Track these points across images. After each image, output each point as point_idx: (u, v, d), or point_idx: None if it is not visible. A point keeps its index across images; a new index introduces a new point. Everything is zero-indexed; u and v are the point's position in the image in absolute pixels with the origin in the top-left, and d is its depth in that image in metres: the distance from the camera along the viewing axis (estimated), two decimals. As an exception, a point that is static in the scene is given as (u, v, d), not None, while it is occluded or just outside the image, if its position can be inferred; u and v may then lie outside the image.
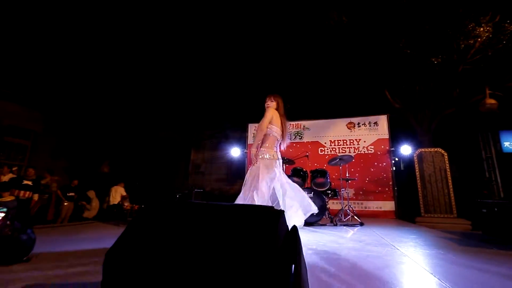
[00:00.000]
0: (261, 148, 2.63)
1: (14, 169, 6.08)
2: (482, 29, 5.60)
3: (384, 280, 1.33)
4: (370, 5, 5.76)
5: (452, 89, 7.85)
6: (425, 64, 6.84)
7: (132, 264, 0.74)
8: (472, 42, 5.91)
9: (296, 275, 0.71)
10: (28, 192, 5.20)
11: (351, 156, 4.76)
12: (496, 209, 3.21)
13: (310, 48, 7.05)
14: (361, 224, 4.18)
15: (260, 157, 2.56)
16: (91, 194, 7.81)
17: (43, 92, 9.57)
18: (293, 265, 0.72)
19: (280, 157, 2.71)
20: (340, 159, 4.56)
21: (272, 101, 2.74)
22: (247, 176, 2.57)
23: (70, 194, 6.61)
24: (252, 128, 7.23)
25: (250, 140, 7.23)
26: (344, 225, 4.10)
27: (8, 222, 1.34)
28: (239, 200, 2.48)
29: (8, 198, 4.45)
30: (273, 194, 2.52)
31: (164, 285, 0.69)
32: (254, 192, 2.38)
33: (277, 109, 2.72)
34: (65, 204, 6.46)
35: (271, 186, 2.48)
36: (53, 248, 1.98)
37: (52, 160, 9.80)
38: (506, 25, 5.86)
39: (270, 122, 2.65)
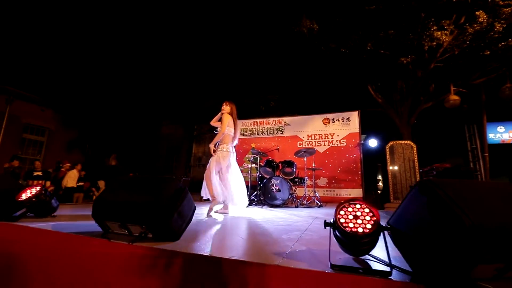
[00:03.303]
0: (222, 144, 3.47)
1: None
2: (440, 33, 6.15)
3: (274, 232, 2.16)
4: (337, 12, 6.38)
5: (428, 85, 8.42)
6: (398, 64, 7.42)
7: (104, 202, 1.61)
8: (434, 44, 6.48)
9: (178, 204, 1.56)
10: (40, 181, 6.28)
11: (314, 149, 5.53)
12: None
13: (291, 53, 7.73)
14: (320, 206, 4.99)
15: (219, 150, 3.41)
16: (101, 183, 8.87)
17: (56, 93, 10.60)
18: (177, 201, 1.57)
19: (234, 151, 3.56)
20: (304, 151, 5.35)
21: (227, 105, 3.55)
22: (209, 162, 3.42)
23: (79, 184, 7.65)
24: (239, 124, 8.03)
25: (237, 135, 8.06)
26: (304, 207, 4.93)
27: (43, 191, 2.24)
28: (208, 177, 3.34)
29: None
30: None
31: (117, 210, 1.56)
32: (216, 173, 3.31)
33: (230, 113, 3.54)
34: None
35: (224, 170, 3.35)
36: (70, 213, 2.90)
37: (66, 154, 10.92)
38: (467, 27, 6.39)
39: (227, 125, 3.49)
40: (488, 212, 1.00)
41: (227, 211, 3.32)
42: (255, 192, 5.26)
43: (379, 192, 12.08)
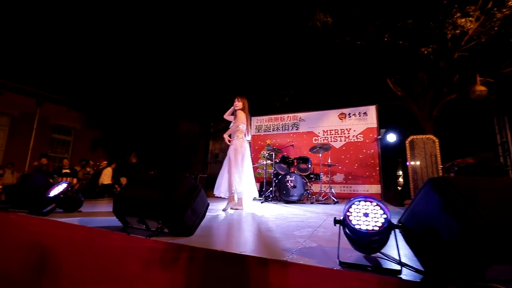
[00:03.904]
0: (235, 134, 3.54)
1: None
2: (464, 20, 5.79)
3: (284, 230, 2.18)
4: (352, 4, 6.17)
5: (451, 76, 7.99)
6: (418, 54, 7.10)
7: (124, 198, 1.70)
8: (458, 32, 6.11)
9: (192, 201, 1.62)
10: (68, 178, 6.72)
11: (329, 145, 5.44)
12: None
13: (305, 47, 7.61)
14: (336, 202, 4.93)
15: (235, 138, 3.50)
16: (123, 180, 9.27)
17: (81, 95, 11.18)
18: (191, 198, 1.63)
19: (247, 142, 3.63)
20: (319, 147, 5.29)
21: (239, 101, 3.61)
22: (228, 155, 3.50)
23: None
24: (254, 120, 8.07)
25: (253, 131, 8.07)
26: (319, 204, 4.89)
27: (69, 188, 2.40)
28: (227, 170, 3.42)
29: None
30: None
31: (135, 206, 1.65)
32: (236, 165, 3.36)
33: (243, 108, 3.59)
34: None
35: (241, 159, 3.40)
36: (94, 209, 3.09)
37: (91, 153, 11.52)
38: (495, 11, 5.97)
39: (241, 122, 3.56)
40: (506, 211, 0.96)
41: (241, 207, 3.38)
42: (270, 189, 5.28)
43: (399, 188, 11.69)
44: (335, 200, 5.01)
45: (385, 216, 1.20)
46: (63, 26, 10.81)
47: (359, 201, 1.32)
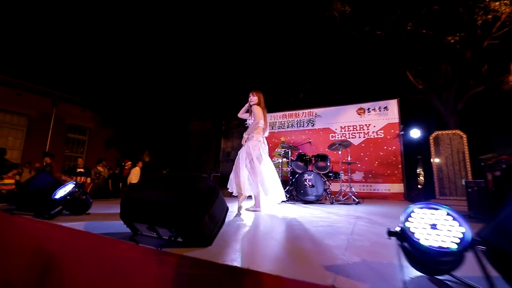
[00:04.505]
0: (251, 134, 3.28)
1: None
2: (498, 3, 5.29)
3: (310, 233, 1.92)
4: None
5: (479, 66, 7.42)
6: (443, 44, 6.61)
7: (131, 200, 1.49)
8: (490, 17, 5.60)
9: (209, 205, 1.39)
10: (83, 177, 6.70)
11: (349, 142, 5.11)
12: (476, 188, 3.43)
13: (321, 40, 7.25)
14: (357, 203, 4.59)
15: (252, 139, 3.22)
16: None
17: (94, 96, 11.27)
18: (208, 202, 1.40)
19: (266, 143, 3.36)
20: (339, 144, 4.97)
21: (254, 96, 3.33)
22: (238, 154, 3.24)
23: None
24: (268, 117, 7.77)
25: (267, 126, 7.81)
26: (340, 204, 4.58)
27: (77, 189, 2.24)
28: (236, 170, 3.18)
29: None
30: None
31: (144, 211, 1.43)
32: (246, 165, 3.11)
33: (259, 103, 3.31)
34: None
35: (256, 161, 3.14)
36: (104, 211, 2.93)
37: (105, 152, 11.61)
38: (533, -6, 5.43)
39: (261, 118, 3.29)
40: None
41: (259, 208, 3.14)
42: (287, 188, 5.01)
43: (419, 187, 11.13)
44: (357, 200, 4.67)
45: (463, 230, 0.92)
46: (78, 29, 10.91)
47: (421, 207, 1.04)
